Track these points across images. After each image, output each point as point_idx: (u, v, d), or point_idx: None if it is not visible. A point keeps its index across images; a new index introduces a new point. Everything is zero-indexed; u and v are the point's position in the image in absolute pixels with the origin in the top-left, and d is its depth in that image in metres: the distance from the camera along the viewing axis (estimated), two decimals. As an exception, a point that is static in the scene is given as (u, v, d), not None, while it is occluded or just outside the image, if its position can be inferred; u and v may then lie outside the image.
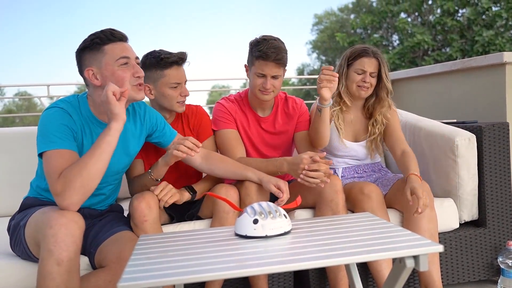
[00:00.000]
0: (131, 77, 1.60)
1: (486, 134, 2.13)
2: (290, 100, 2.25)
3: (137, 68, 1.62)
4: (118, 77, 1.58)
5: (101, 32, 1.60)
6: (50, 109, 1.59)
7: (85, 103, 1.65)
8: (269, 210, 1.36)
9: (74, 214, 1.43)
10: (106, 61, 1.58)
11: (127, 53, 1.60)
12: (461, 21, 15.06)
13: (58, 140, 1.50)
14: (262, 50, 1.97)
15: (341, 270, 1.86)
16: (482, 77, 2.87)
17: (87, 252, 1.68)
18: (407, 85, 3.75)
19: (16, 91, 32.56)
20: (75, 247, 1.39)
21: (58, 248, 1.36)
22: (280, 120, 2.21)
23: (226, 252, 1.21)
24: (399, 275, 1.21)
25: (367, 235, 1.30)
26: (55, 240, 1.36)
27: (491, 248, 2.16)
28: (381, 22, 16.96)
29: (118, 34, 1.62)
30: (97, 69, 1.59)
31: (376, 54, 2.11)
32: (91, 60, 1.59)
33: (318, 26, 23.07)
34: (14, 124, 19.62)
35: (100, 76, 1.59)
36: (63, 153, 1.49)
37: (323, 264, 1.10)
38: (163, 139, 1.85)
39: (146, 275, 1.05)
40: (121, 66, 1.58)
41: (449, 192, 2.15)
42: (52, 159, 1.47)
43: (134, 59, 1.63)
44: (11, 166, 2.32)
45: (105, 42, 1.58)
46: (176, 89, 1.93)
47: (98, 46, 1.58)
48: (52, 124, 1.53)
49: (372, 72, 2.11)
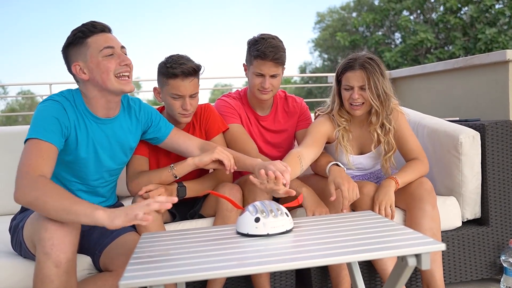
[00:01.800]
0: (116, 66, 1.57)
1: (489, 132, 2.12)
2: (290, 99, 2.25)
3: (123, 57, 1.59)
4: (103, 67, 1.55)
5: (82, 26, 1.58)
6: (46, 101, 1.57)
7: (79, 97, 1.62)
8: (271, 208, 1.35)
9: None
10: (90, 54, 1.55)
11: (110, 43, 1.57)
12: (464, 19, 15.02)
13: (42, 131, 1.47)
14: (260, 50, 1.96)
15: (343, 269, 1.86)
16: (485, 75, 2.86)
17: (91, 252, 1.68)
18: (410, 83, 3.74)
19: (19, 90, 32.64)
20: (73, 248, 1.38)
21: (55, 250, 1.34)
22: (280, 119, 2.21)
23: (227, 250, 1.21)
24: (401, 274, 1.21)
25: (369, 233, 1.29)
26: (52, 243, 1.35)
27: (494, 247, 2.15)
28: (383, 20, 16.93)
29: (100, 25, 1.59)
30: (83, 63, 1.56)
31: (363, 65, 1.87)
32: (76, 55, 1.57)
33: (321, 24, 23.04)
34: (17, 122, 19.66)
35: (87, 70, 1.57)
36: (42, 145, 1.45)
37: (324, 262, 1.10)
38: (158, 134, 1.82)
39: (147, 273, 1.05)
40: (106, 57, 1.55)
41: (452, 190, 2.15)
42: (29, 148, 1.45)
43: (120, 48, 1.60)
44: (12, 165, 2.32)
45: (88, 35, 1.56)
46: (177, 100, 1.86)
47: (81, 40, 1.56)
48: (43, 115, 1.51)
49: (362, 85, 1.88)
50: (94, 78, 1.56)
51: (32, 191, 1.34)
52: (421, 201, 1.85)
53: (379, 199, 1.84)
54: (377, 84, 1.86)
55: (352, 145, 2.05)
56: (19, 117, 20.33)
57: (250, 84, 2.09)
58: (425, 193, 1.86)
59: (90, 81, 1.58)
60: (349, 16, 21.29)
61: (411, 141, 2.01)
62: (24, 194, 1.35)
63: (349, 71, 1.91)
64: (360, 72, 1.88)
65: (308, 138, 1.94)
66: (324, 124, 2.01)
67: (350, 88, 1.91)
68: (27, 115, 19.19)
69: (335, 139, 2.03)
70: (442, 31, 15.45)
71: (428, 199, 1.85)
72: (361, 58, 1.90)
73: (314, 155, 1.92)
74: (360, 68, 1.88)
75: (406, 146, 2.01)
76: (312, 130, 1.99)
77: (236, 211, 1.79)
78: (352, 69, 1.90)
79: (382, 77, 1.88)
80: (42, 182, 1.36)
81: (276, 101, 2.23)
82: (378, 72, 1.87)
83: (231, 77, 7.87)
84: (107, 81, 1.56)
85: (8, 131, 2.46)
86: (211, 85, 39.19)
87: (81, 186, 1.68)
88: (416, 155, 1.99)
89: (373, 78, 1.86)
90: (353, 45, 17.71)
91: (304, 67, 24.54)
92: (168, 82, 1.84)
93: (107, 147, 1.67)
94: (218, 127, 2.03)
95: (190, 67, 1.83)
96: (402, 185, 1.90)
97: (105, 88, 1.57)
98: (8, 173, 2.30)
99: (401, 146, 2.03)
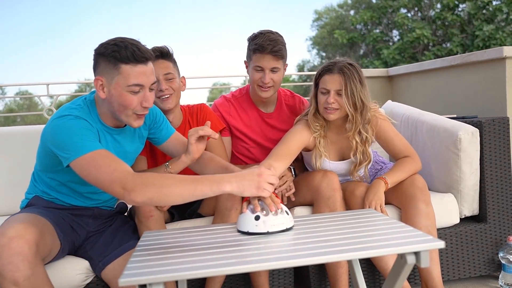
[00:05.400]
0: (137, 106, 1.50)
1: (487, 129, 2.13)
2: (297, 98, 2.26)
3: (148, 96, 1.50)
4: (124, 101, 1.48)
5: (124, 47, 1.45)
6: (63, 117, 1.46)
7: (94, 109, 1.57)
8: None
9: (18, 228, 1.34)
10: (117, 81, 1.46)
11: (142, 80, 1.47)
12: (461, 16, 15.02)
13: (87, 144, 1.39)
14: (259, 43, 1.98)
15: (341, 267, 1.87)
16: (482, 72, 2.87)
17: (92, 260, 1.67)
18: (407, 80, 3.74)
19: (17, 90, 32.57)
20: (29, 264, 1.31)
21: (8, 271, 1.28)
22: (285, 117, 2.21)
23: (227, 248, 1.21)
24: (401, 271, 1.21)
25: (368, 231, 1.30)
26: (1, 263, 1.28)
27: (492, 244, 2.16)
28: (380, 18, 16.92)
29: (141, 56, 1.46)
30: (107, 82, 1.48)
31: (342, 69, 1.82)
32: (104, 71, 1.48)
33: (318, 22, 23.02)
34: (16, 123, 19.65)
35: (107, 91, 1.49)
36: (99, 154, 1.38)
37: (323, 260, 1.10)
38: (159, 135, 1.80)
39: (148, 271, 1.05)
40: (131, 92, 1.47)
41: (450, 186, 2.15)
42: (92, 162, 1.36)
43: (149, 85, 1.51)
44: (11, 165, 2.32)
45: (124, 61, 1.45)
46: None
47: (115, 61, 1.45)
48: (75, 131, 1.42)
49: (338, 90, 1.83)
50: (111, 103, 1.50)
51: (146, 188, 1.30)
52: (414, 200, 1.85)
53: (369, 200, 1.86)
54: (354, 91, 1.82)
55: (330, 151, 2.01)
56: (18, 117, 20.32)
57: (250, 80, 2.10)
58: (418, 191, 1.86)
59: (105, 100, 1.52)
60: (347, 14, 21.27)
61: (397, 143, 1.99)
62: (142, 193, 1.30)
63: (327, 74, 1.86)
64: (338, 76, 1.83)
65: (282, 149, 1.86)
66: (300, 133, 1.94)
67: (327, 91, 1.85)
68: (25, 116, 19.18)
69: (313, 147, 1.99)
70: (439, 28, 15.45)
71: (421, 197, 1.85)
72: (341, 63, 1.85)
73: (285, 167, 1.86)
74: (339, 72, 1.83)
75: (394, 148, 2.00)
76: (288, 140, 1.91)
77: (235, 210, 1.79)
78: (331, 72, 1.85)
79: (360, 85, 1.83)
80: (149, 176, 1.32)
81: (280, 98, 2.23)
82: (356, 79, 1.82)
83: (229, 76, 7.85)
84: (122, 113, 1.51)
85: (6, 132, 2.46)
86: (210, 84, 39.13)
87: (93, 189, 1.65)
88: (405, 154, 1.98)
89: (350, 85, 1.81)
90: (351, 43, 17.71)
91: (302, 65, 24.52)
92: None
93: (121, 155, 1.63)
94: (214, 126, 2.05)
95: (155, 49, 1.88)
96: (392, 185, 1.91)
97: (117, 116, 1.53)
98: (7, 173, 2.31)
99: (389, 149, 2.02)
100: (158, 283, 1.03)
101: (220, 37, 54.50)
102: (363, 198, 1.90)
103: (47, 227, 1.49)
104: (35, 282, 1.33)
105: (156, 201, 1.32)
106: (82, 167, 1.38)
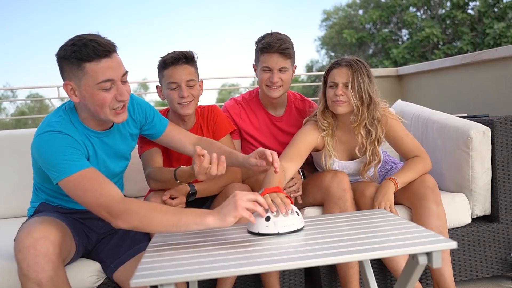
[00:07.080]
0: (113, 101, 1.44)
1: (498, 128, 2.11)
2: (307, 102, 2.25)
3: (121, 89, 1.44)
4: (98, 100, 1.41)
5: (83, 45, 1.37)
6: (45, 134, 1.42)
7: (75, 116, 1.52)
8: (281, 207, 1.35)
9: (43, 229, 1.36)
10: (86, 82, 1.39)
11: (111, 74, 1.40)
12: (471, 14, 14.89)
13: (72, 164, 1.37)
14: (266, 42, 1.98)
15: (352, 268, 1.86)
16: (493, 70, 2.84)
17: (104, 262, 1.68)
18: (417, 79, 3.72)
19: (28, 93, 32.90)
20: (52, 265, 1.33)
21: (33, 271, 1.31)
22: (294, 120, 2.20)
23: (238, 249, 1.21)
24: (412, 272, 1.20)
25: (379, 232, 1.29)
26: (27, 264, 1.31)
27: (504, 244, 2.14)
28: (389, 17, 16.84)
29: (102, 50, 1.38)
30: (76, 86, 1.42)
31: (350, 63, 1.86)
32: (70, 74, 1.41)
33: (327, 22, 22.97)
34: (27, 125, 19.80)
35: (79, 94, 1.43)
36: (86, 174, 1.36)
37: (334, 261, 1.10)
38: (154, 130, 1.79)
39: (159, 272, 1.06)
40: (102, 89, 1.41)
41: (462, 186, 2.13)
42: (78, 184, 1.35)
43: (120, 78, 1.44)
44: (22, 168, 2.34)
45: (86, 59, 1.37)
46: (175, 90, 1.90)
47: (78, 62, 1.38)
48: (58, 150, 1.38)
49: (346, 82, 1.85)
50: (86, 105, 1.45)
51: (130, 216, 1.31)
52: (424, 200, 1.84)
53: (378, 201, 1.85)
54: (361, 84, 1.83)
55: (339, 150, 2.00)
56: (29, 120, 20.51)
57: (259, 81, 2.10)
58: (428, 191, 1.85)
59: (80, 104, 1.47)
60: (355, 13, 21.19)
61: (407, 143, 1.98)
62: (126, 221, 1.32)
63: (335, 68, 1.89)
64: (345, 69, 1.86)
65: (292, 150, 1.89)
66: (309, 133, 1.95)
67: (335, 85, 1.87)
68: (36, 118, 19.35)
69: (322, 147, 1.98)
70: (449, 26, 15.34)
71: (431, 197, 1.84)
72: (349, 58, 1.89)
73: (296, 168, 1.89)
74: (346, 66, 1.86)
75: (404, 148, 1.99)
76: (297, 141, 1.93)
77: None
78: (339, 66, 1.88)
79: (368, 79, 1.85)
80: (134, 204, 1.33)
81: (290, 101, 2.23)
82: (364, 73, 1.84)
83: (238, 77, 7.85)
84: (101, 113, 1.45)
85: (18, 134, 2.48)
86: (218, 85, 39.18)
87: None
88: (415, 154, 1.97)
89: (358, 78, 1.83)
90: (360, 42, 17.64)
91: (311, 65, 24.47)
92: (163, 73, 1.90)
93: (113, 156, 1.65)
94: (225, 128, 2.06)
95: (180, 53, 1.88)
96: (402, 185, 1.89)
97: (97, 117, 1.49)
98: (18, 176, 2.34)
99: (399, 149, 2.01)
100: (169, 284, 1.03)
101: (228, 38, 54.66)
102: (373, 199, 1.89)
103: (66, 230, 1.51)
104: (57, 283, 1.36)
105: (141, 229, 1.33)
106: (69, 188, 1.38)
